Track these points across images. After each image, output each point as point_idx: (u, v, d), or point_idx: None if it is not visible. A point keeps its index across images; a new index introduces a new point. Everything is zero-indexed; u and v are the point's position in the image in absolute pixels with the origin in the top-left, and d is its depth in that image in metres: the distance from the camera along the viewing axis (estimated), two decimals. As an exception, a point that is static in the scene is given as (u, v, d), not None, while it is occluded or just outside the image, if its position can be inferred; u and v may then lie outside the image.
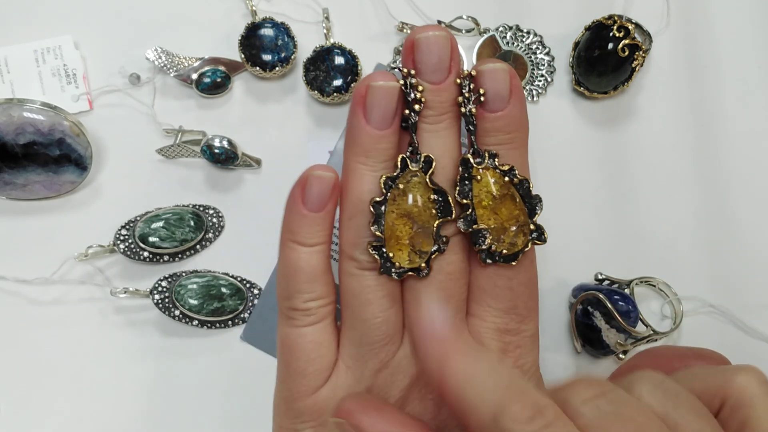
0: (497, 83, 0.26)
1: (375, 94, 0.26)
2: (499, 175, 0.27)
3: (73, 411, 0.39)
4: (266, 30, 0.42)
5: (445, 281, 0.27)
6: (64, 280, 0.40)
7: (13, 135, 0.39)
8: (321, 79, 0.41)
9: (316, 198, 0.27)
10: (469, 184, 0.27)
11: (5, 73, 0.43)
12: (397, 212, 0.26)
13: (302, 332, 0.27)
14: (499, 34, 0.44)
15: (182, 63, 0.43)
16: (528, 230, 0.27)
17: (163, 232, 0.39)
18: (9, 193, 0.40)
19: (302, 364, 0.27)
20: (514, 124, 0.27)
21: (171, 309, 0.39)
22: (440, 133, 0.27)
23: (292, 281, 0.27)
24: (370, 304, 0.27)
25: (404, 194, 0.26)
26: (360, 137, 0.27)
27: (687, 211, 0.42)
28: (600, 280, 0.40)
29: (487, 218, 0.26)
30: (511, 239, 0.27)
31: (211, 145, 0.40)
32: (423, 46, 0.26)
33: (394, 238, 0.26)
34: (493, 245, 0.26)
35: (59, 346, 0.39)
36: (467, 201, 0.26)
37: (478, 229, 0.26)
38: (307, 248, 0.27)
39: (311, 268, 0.27)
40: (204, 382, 0.39)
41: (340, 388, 0.27)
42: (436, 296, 0.25)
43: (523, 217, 0.27)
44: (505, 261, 0.27)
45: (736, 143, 0.43)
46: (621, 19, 0.41)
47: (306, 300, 0.27)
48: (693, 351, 0.28)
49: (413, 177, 0.26)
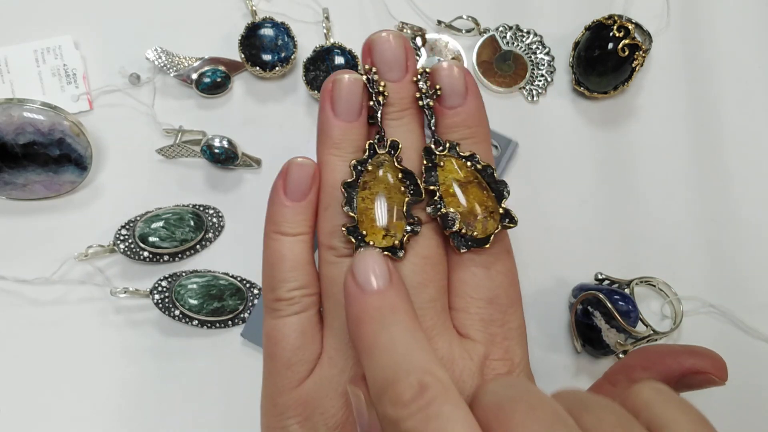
0: (452, 79, 0.28)
1: (341, 87, 0.28)
2: (462, 161, 0.27)
3: (73, 411, 0.39)
4: (266, 30, 0.42)
5: (422, 264, 0.27)
6: (64, 280, 0.40)
7: (13, 135, 0.39)
8: (321, 79, 0.41)
9: (296, 187, 0.28)
10: (435, 172, 0.27)
11: (5, 73, 0.43)
12: (369, 197, 0.27)
13: (286, 322, 0.28)
14: (499, 34, 0.44)
15: (182, 63, 0.43)
16: (498, 216, 0.27)
17: (163, 232, 0.39)
18: (9, 193, 0.40)
19: (287, 354, 0.27)
20: (473, 119, 0.28)
21: (171, 309, 0.39)
22: (404, 127, 0.28)
23: (276, 270, 0.28)
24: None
25: (374, 177, 0.27)
26: (329, 129, 0.28)
27: (687, 211, 0.42)
28: (600, 280, 0.40)
29: (455, 205, 0.27)
30: (482, 224, 0.27)
31: (211, 145, 0.40)
32: (378, 45, 0.28)
33: (368, 219, 0.27)
34: (462, 228, 0.27)
35: (59, 346, 0.39)
36: (434, 188, 0.27)
37: (446, 212, 0.27)
38: (290, 237, 0.28)
39: (294, 256, 0.28)
40: (204, 382, 0.39)
41: (325, 379, 0.27)
42: (372, 256, 0.24)
43: (491, 202, 0.27)
44: (477, 244, 0.27)
45: (736, 143, 0.43)
46: (621, 19, 0.41)
47: (290, 289, 0.28)
48: (686, 348, 0.28)
49: (383, 161, 0.27)
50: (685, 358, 0.27)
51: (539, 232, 0.41)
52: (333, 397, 0.26)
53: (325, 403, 0.26)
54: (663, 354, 0.28)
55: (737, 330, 0.40)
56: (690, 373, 0.27)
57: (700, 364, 0.27)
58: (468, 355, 0.26)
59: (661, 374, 0.27)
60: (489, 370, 0.26)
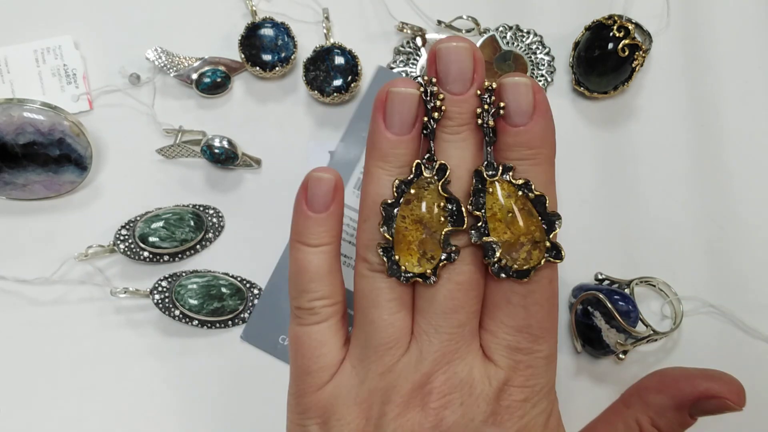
0: (519, 97, 0.26)
1: (395, 99, 0.26)
2: (513, 188, 0.26)
3: (73, 411, 0.39)
4: (266, 30, 0.42)
5: (454, 291, 0.26)
6: (64, 280, 0.40)
7: (13, 135, 0.39)
8: (321, 79, 0.41)
9: (317, 199, 0.28)
10: (483, 196, 0.26)
11: (5, 73, 0.43)
12: (410, 217, 0.26)
13: (307, 330, 0.28)
14: (499, 34, 0.44)
15: (182, 63, 0.43)
16: (544, 247, 0.26)
17: (163, 232, 0.39)
18: (9, 193, 0.40)
19: (306, 362, 0.28)
20: (537, 140, 0.27)
21: (171, 309, 0.39)
22: (459, 144, 0.27)
23: (299, 280, 0.28)
24: (377, 306, 0.27)
25: (417, 199, 0.26)
26: (379, 142, 0.27)
27: (687, 211, 0.42)
28: (600, 280, 0.40)
29: (502, 232, 0.26)
30: (525, 255, 0.26)
31: (211, 145, 0.40)
32: (444, 56, 0.26)
33: (405, 242, 0.26)
34: (503, 259, 0.26)
35: (59, 346, 0.39)
36: (479, 213, 0.26)
37: (488, 241, 0.26)
38: (312, 249, 0.28)
39: (315, 269, 0.28)
40: (204, 382, 0.39)
41: (344, 387, 0.27)
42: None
43: (539, 233, 0.26)
44: (516, 276, 0.26)
45: (736, 143, 0.43)
46: (621, 19, 0.41)
47: (310, 299, 0.28)
48: (702, 372, 0.28)
49: (428, 184, 0.26)
50: (700, 382, 0.27)
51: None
52: (350, 405, 0.27)
53: (342, 410, 0.27)
54: (678, 377, 0.28)
55: (737, 330, 0.40)
56: (705, 397, 0.27)
57: (715, 389, 0.27)
58: (488, 380, 0.26)
59: (675, 398, 0.27)
60: (506, 396, 0.26)
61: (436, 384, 0.26)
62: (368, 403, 0.26)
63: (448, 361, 0.26)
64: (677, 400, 0.27)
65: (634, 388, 0.29)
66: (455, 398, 0.26)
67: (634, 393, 0.28)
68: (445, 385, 0.26)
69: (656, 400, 0.28)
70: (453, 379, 0.26)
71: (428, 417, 0.26)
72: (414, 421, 0.25)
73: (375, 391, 0.26)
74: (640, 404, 0.28)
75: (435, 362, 0.26)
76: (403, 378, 0.26)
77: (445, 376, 0.26)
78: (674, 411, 0.28)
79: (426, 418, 0.25)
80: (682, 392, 0.27)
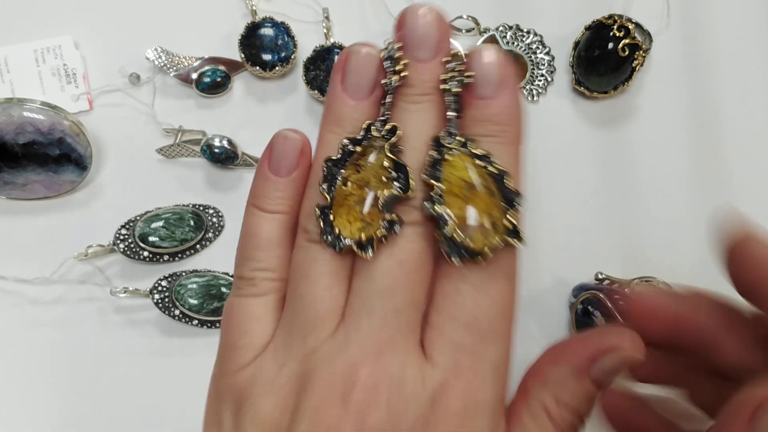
0: (486, 66, 0.24)
1: (354, 60, 0.25)
2: (472, 161, 0.23)
3: (73, 410, 0.39)
4: (266, 30, 0.42)
5: (394, 268, 0.23)
6: (64, 279, 0.40)
7: (13, 134, 0.39)
8: (321, 78, 0.41)
9: (280, 160, 0.26)
10: (440, 166, 0.23)
11: (5, 73, 0.43)
12: (353, 178, 0.24)
13: (241, 302, 0.25)
14: (499, 34, 0.44)
15: (182, 63, 0.43)
16: (502, 227, 0.23)
17: (162, 231, 0.39)
18: (9, 192, 0.40)
19: (234, 337, 0.25)
20: (503, 116, 0.24)
21: (171, 309, 0.39)
22: (418, 114, 0.25)
23: (245, 247, 0.26)
24: (308, 278, 0.24)
25: (363, 158, 0.24)
26: (334, 104, 0.25)
27: (687, 211, 0.42)
28: (600, 280, 0.40)
29: (456, 207, 0.23)
30: (481, 234, 0.23)
31: (211, 145, 0.40)
32: (410, 20, 0.24)
33: (345, 206, 0.23)
34: (455, 234, 0.22)
35: (59, 345, 0.39)
36: (436, 183, 0.23)
37: (441, 212, 0.23)
38: (265, 214, 0.26)
39: (266, 236, 0.25)
40: (204, 382, 0.39)
41: (262, 370, 0.24)
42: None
43: (498, 213, 0.23)
44: (469, 255, 0.22)
45: (736, 143, 0.43)
46: (621, 18, 0.41)
47: (252, 269, 0.25)
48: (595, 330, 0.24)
49: (379, 145, 0.24)
50: (593, 339, 0.24)
51: (539, 231, 0.41)
52: (266, 392, 0.23)
53: (256, 396, 0.24)
54: (569, 342, 0.25)
55: (737, 330, 0.40)
56: (600, 353, 0.24)
57: (608, 341, 0.24)
58: (422, 382, 0.22)
59: (572, 364, 0.24)
60: (442, 402, 0.22)
61: (360, 376, 0.22)
62: (285, 390, 0.23)
63: (378, 351, 0.23)
64: (575, 366, 0.24)
65: (529, 373, 0.26)
66: (381, 396, 0.22)
67: (530, 375, 0.25)
68: (370, 379, 0.22)
69: (554, 374, 0.25)
70: (380, 373, 0.22)
71: (348, 413, 0.22)
72: (332, 415, 0.22)
73: (293, 377, 0.23)
74: (538, 385, 0.25)
75: (362, 350, 0.23)
76: (324, 363, 0.23)
77: (370, 368, 0.22)
78: (575, 380, 0.25)
79: (346, 414, 0.22)
80: (577, 355, 0.24)
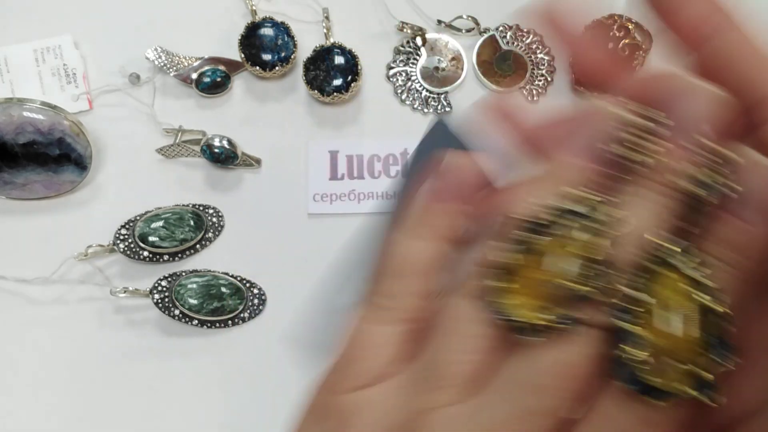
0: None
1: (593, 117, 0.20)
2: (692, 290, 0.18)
3: (72, 410, 0.39)
4: (266, 29, 0.42)
5: (549, 366, 0.19)
6: (64, 279, 0.40)
7: (12, 134, 0.39)
8: (321, 78, 0.41)
9: (446, 187, 0.23)
10: (649, 278, 0.18)
11: (5, 73, 0.43)
12: (563, 251, 0.19)
13: (373, 324, 0.22)
14: (499, 34, 0.44)
15: (182, 63, 0.43)
16: (698, 379, 0.18)
17: (162, 231, 0.39)
18: (9, 192, 0.40)
19: (358, 354, 0.22)
20: (755, 251, 0.19)
21: (171, 308, 0.39)
22: (648, 206, 0.19)
23: (386, 266, 0.23)
24: (454, 334, 0.20)
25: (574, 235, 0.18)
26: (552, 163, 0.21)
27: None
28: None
29: (657, 335, 0.18)
30: (671, 374, 0.18)
31: (211, 145, 0.40)
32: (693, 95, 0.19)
33: (530, 277, 0.19)
34: (638, 366, 0.18)
35: (59, 346, 0.39)
36: (638, 295, 0.18)
37: (632, 330, 0.18)
38: (418, 239, 0.22)
39: (413, 260, 0.22)
40: (204, 382, 0.39)
41: (374, 404, 0.21)
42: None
43: (701, 359, 0.18)
44: (650, 396, 0.18)
45: (736, 143, 0.43)
46: (621, 18, 0.41)
47: (394, 295, 0.22)
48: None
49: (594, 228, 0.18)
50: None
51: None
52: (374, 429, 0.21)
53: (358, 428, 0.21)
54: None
55: (737, 330, 0.40)
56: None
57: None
58: None
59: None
60: None
61: None
62: None
63: None
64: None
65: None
66: None
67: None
68: None
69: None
70: None
71: None
72: None
73: (401, 427, 0.20)
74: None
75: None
76: (438, 428, 0.20)
77: None
78: None
79: None
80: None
